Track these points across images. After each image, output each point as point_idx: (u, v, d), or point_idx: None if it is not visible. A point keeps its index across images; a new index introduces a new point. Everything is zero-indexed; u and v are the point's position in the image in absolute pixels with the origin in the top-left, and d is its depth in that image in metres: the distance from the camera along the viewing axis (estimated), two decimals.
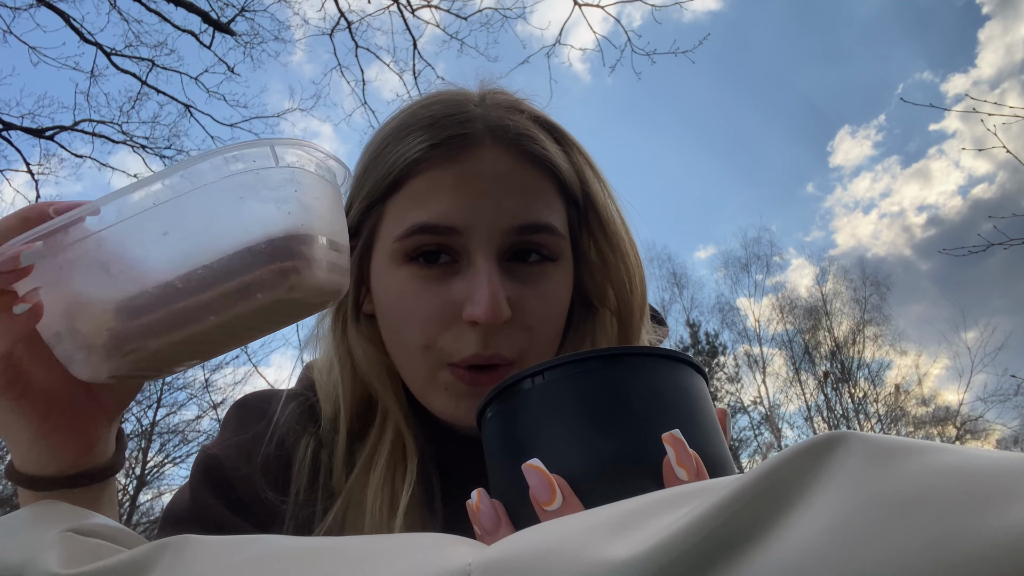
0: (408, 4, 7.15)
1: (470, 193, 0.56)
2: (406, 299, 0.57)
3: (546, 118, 0.63)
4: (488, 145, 0.57)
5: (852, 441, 0.21)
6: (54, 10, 6.71)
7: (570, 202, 0.61)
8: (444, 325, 0.56)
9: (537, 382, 0.38)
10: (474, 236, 0.55)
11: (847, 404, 16.07)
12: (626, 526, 0.22)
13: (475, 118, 0.58)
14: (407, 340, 0.58)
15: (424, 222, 0.55)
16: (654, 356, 0.38)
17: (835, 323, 16.55)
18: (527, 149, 0.58)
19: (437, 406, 0.59)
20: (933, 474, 0.19)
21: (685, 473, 0.34)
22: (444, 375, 0.57)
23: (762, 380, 16.27)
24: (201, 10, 7.05)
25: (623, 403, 0.36)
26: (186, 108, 7.97)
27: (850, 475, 0.20)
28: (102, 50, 7.25)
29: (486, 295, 0.53)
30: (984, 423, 14.16)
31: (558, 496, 0.34)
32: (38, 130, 7.55)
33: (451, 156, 0.57)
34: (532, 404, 0.38)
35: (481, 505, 0.38)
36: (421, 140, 0.57)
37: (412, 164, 0.57)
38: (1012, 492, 0.18)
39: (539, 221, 0.57)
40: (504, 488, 0.38)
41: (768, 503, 0.20)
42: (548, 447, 0.36)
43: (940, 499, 0.18)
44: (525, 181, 0.58)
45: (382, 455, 0.60)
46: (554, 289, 0.59)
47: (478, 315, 0.53)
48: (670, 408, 0.37)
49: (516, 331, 0.56)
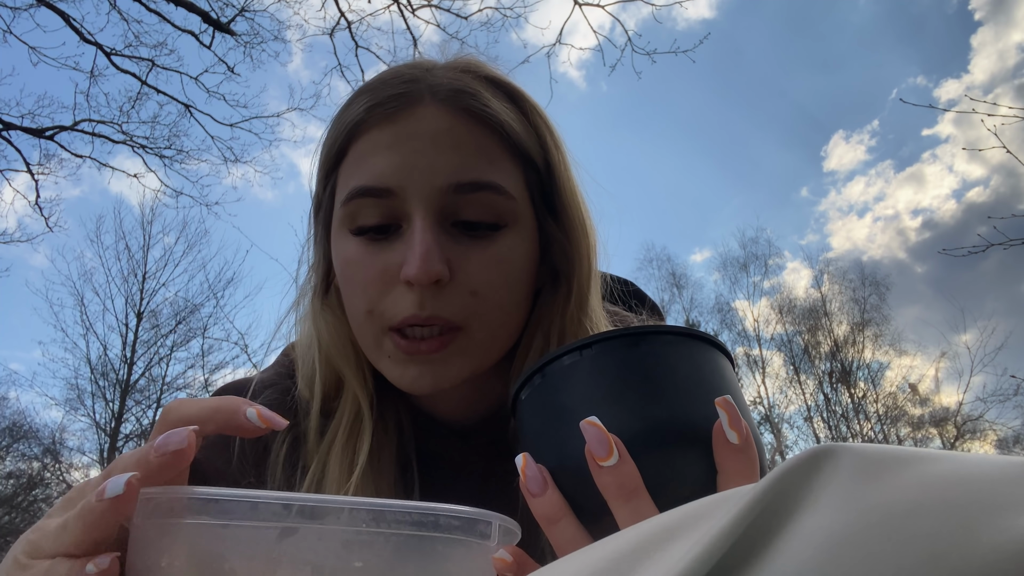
0: (408, 4, 7.15)
1: (405, 152, 0.54)
2: (351, 265, 0.56)
3: (501, 78, 0.61)
4: (426, 103, 0.56)
5: (841, 455, 0.20)
6: (54, 10, 6.71)
7: (529, 166, 0.59)
8: (384, 288, 0.55)
9: (586, 353, 0.39)
10: (410, 197, 0.54)
11: (847, 404, 16.07)
12: (620, 572, 0.22)
13: (419, 78, 0.57)
14: (354, 307, 0.57)
15: (362, 185, 0.54)
16: (696, 337, 0.40)
17: (834, 323, 16.56)
18: (467, 106, 0.56)
19: (387, 373, 0.58)
20: (925, 486, 0.19)
21: (736, 436, 0.36)
22: (387, 342, 0.56)
23: (761, 381, 16.28)
24: (201, 10, 7.05)
25: (671, 374, 0.38)
26: (186, 108, 7.99)
27: (840, 492, 0.19)
28: (102, 50, 7.25)
29: (417, 252, 0.52)
30: (983, 423, 14.16)
31: (615, 452, 0.35)
32: (38, 130, 7.56)
33: (388, 115, 0.55)
34: (581, 373, 0.39)
35: (528, 470, 0.38)
36: (364, 102, 0.56)
37: (355, 127, 0.56)
38: (1005, 502, 0.18)
39: (479, 179, 0.55)
40: (549, 454, 0.39)
41: (760, 530, 0.20)
42: (599, 412, 0.37)
43: (932, 513, 0.18)
44: (463, 138, 0.55)
45: (341, 425, 0.59)
46: (505, 253, 0.56)
47: (410, 274, 0.52)
48: (714, 383, 0.39)
49: (459, 294, 0.54)
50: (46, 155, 7.94)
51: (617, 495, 0.35)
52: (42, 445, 12.50)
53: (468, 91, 0.57)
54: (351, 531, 0.31)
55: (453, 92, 0.56)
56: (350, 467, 0.57)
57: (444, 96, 0.56)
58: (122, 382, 12.19)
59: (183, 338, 12.67)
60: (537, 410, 0.41)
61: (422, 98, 0.56)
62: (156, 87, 7.72)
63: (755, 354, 16.65)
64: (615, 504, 0.35)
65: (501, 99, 0.59)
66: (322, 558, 0.31)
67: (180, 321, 12.61)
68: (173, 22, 7.16)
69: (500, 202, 0.56)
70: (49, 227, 8.21)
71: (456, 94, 0.56)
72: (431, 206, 0.54)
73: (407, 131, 0.55)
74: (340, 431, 0.59)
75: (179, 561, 0.30)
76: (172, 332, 12.63)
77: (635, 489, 0.35)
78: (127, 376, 12.25)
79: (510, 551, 0.34)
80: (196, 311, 12.64)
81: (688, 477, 0.37)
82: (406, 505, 0.32)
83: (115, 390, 12.18)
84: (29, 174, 7.66)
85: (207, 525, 0.31)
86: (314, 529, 0.31)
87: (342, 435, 0.59)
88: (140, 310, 12.55)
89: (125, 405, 12.13)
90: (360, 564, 0.31)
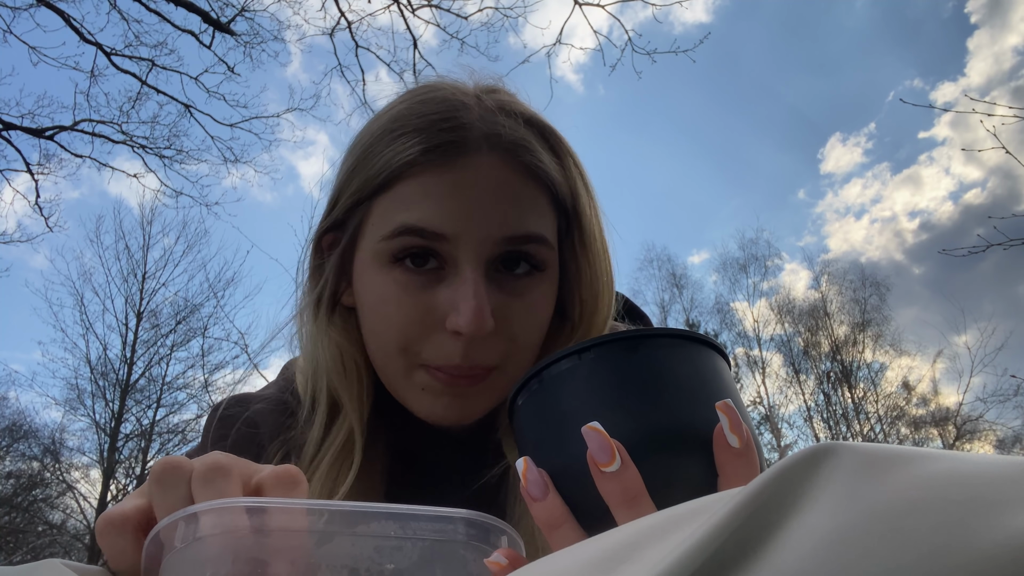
0: (408, 3, 7.15)
1: (462, 201, 0.55)
2: (388, 302, 0.56)
3: (542, 122, 0.62)
4: (484, 153, 0.57)
5: (841, 453, 0.20)
6: (54, 10, 6.71)
7: (560, 212, 0.61)
8: (425, 332, 0.55)
9: (584, 357, 0.39)
10: (462, 244, 0.54)
11: (847, 404, 16.07)
12: (619, 559, 0.22)
13: (471, 123, 0.58)
14: (385, 341, 0.57)
15: (413, 224, 0.55)
16: (695, 339, 0.40)
17: (835, 323, 16.55)
18: (523, 160, 0.58)
19: (413, 404, 0.59)
20: (924, 484, 0.19)
21: (737, 440, 0.36)
22: (421, 375, 0.57)
23: (761, 381, 16.27)
24: (201, 10, 7.05)
25: (671, 378, 0.38)
26: (186, 108, 7.98)
27: (840, 489, 0.20)
28: (102, 50, 7.25)
29: (471, 306, 0.53)
30: (984, 423, 14.15)
31: (617, 458, 0.35)
32: (38, 130, 7.56)
33: (445, 162, 0.56)
34: (580, 377, 0.39)
35: (528, 474, 0.38)
36: (415, 143, 0.56)
37: (405, 166, 0.56)
38: (1005, 500, 0.18)
39: (530, 232, 0.56)
40: (549, 458, 0.39)
41: (758, 525, 0.20)
42: (599, 416, 0.37)
43: (931, 511, 0.18)
44: (518, 191, 0.57)
45: (332, 447, 0.60)
46: (540, 300, 0.59)
47: (462, 326, 0.53)
48: (713, 386, 0.39)
49: (500, 341, 0.56)
50: (46, 155, 7.95)
51: (620, 501, 0.35)
52: (42, 445, 12.50)
53: (524, 144, 0.58)
54: (381, 537, 0.33)
55: (511, 144, 0.57)
56: (332, 489, 0.58)
57: (502, 148, 0.57)
58: (122, 382, 12.19)
59: (183, 338, 12.68)
60: (537, 415, 0.40)
61: (480, 147, 0.57)
62: (156, 87, 7.73)
63: (755, 354, 16.66)
64: (617, 510, 0.35)
65: (547, 150, 0.60)
66: (357, 562, 0.33)
67: (180, 321, 12.62)
68: (173, 22, 7.16)
69: (543, 252, 0.58)
70: (49, 227, 8.21)
71: (513, 147, 0.58)
72: (483, 256, 0.55)
73: (464, 179, 0.56)
74: (329, 453, 0.60)
75: (225, 568, 0.31)
76: (172, 332, 12.64)
77: (638, 495, 0.35)
78: (127, 376, 12.25)
79: (504, 554, 0.35)
80: (196, 311, 12.65)
81: (690, 481, 0.36)
82: (430, 511, 0.34)
83: (115, 390, 12.18)
84: (29, 174, 7.66)
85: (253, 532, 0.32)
86: (348, 535, 0.33)
87: (331, 457, 0.60)
88: (140, 310, 12.55)
89: (125, 405, 12.12)
90: (392, 566, 0.33)
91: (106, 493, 11.66)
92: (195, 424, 12.32)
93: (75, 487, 12.26)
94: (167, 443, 12.46)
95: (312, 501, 0.34)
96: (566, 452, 0.37)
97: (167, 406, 12.57)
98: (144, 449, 12.29)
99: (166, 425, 12.62)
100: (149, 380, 12.56)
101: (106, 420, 12.05)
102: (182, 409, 12.72)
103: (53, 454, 12.42)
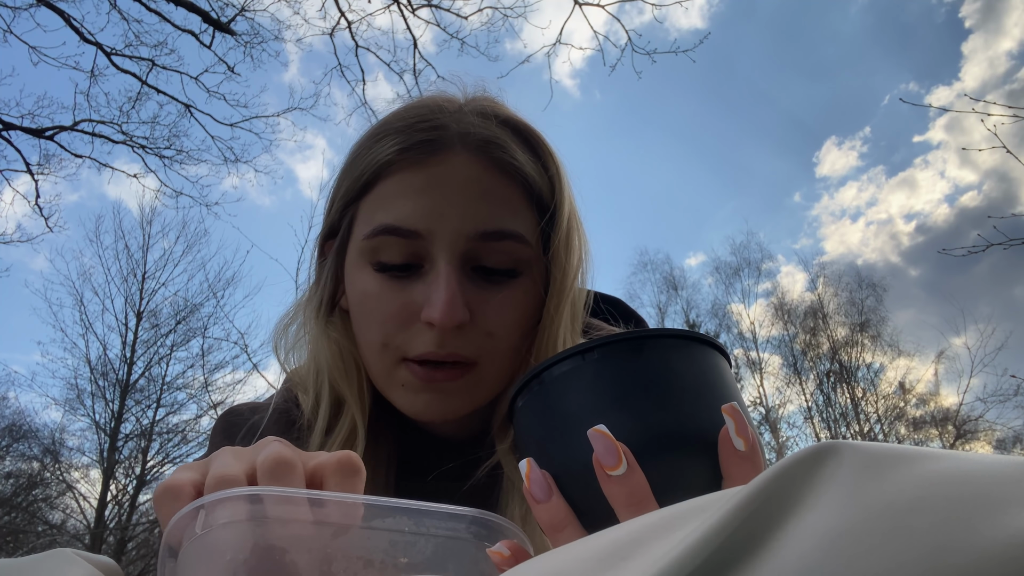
0: (408, 4, 7.15)
1: (434, 197, 0.56)
2: (370, 299, 0.58)
3: (522, 123, 0.62)
4: (457, 151, 0.58)
5: (843, 451, 0.21)
6: (54, 10, 6.71)
7: (541, 211, 0.61)
8: (403, 326, 0.57)
9: (588, 358, 0.38)
10: (436, 240, 0.56)
11: (847, 404, 16.07)
12: (621, 556, 0.22)
13: (447, 124, 0.59)
14: (369, 339, 0.59)
15: (389, 223, 0.56)
16: (698, 340, 0.40)
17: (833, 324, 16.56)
18: (495, 156, 0.58)
19: (397, 401, 0.60)
20: (926, 483, 0.19)
21: (743, 444, 0.36)
22: (402, 372, 0.58)
23: (760, 382, 16.27)
24: (201, 10, 7.05)
25: (676, 379, 0.37)
26: (186, 108, 7.98)
27: (843, 488, 0.20)
28: (102, 50, 7.25)
29: (443, 297, 0.54)
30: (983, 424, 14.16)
31: (624, 462, 0.34)
32: (38, 130, 7.55)
33: (419, 160, 0.57)
34: (584, 378, 0.38)
35: (532, 475, 0.38)
36: (393, 143, 0.58)
37: (383, 167, 0.58)
38: (1006, 499, 0.18)
39: (503, 228, 0.57)
40: (552, 460, 0.38)
41: (761, 522, 0.20)
42: (604, 419, 0.36)
43: (934, 509, 0.18)
44: (491, 188, 0.58)
45: (335, 442, 0.61)
46: (519, 297, 0.59)
47: (434, 317, 0.54)
48: (718, 387, 0.38)
49: (477, 335, 0.57)
50: (46, 155, 7.93)
51: (626, 504, 0.35)
52: (42, 445, 12.48)
53: (496, 142, 0.59)
54: (396, 531, 0.34)
55: (483, 142, 0.58)
56: None
57: (474, 145, 0.58)
58: (122, 382, 12.18)
59: (183, 338, 12.65)
60: (539, 415, 0.40)
61: (453, 146, 0.58)
62: (156, 87, 7.72)
63: (753, 355, 16.66)
64: (622, 512, 0.35)
65: (523, 148, 0.61)
66: (371, 554, 0.34)
67: (180, 321, 12.59)
68: (173, 22, 7.16)
69: (519, 250, 0.58)
70: (49, 227, 8.20)
71: (486, 144, 0.58)
72: (456, 251, 0.56)
73: (438, 177, 0.57)
74: (335, 445, 0.61)
75: (243, 554, 0.33)
76: (172, 332, 12.61)
77: (643, 498, 0.35)
78: (127, 376, 12.23)
79: (507, 545, 0.35)
80: (196, 311, 12.62)
81: (695, 484, 0.36)
82: (442, 508, 0.35)
83: (115, 390, 12.16)
84: (29, 174, 7.65)
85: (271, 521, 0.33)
86: (364, 528, 0.34)
87: (336, 448, 0.61)
88: (140, 310, 12.54)
89: (125, 405, 12.10)
90: (405, 560, 0.34)
91: (106, 493, 11.65)
92: (195, 424, 12.32)
93: (75, 487, 12.25)
94: (167, 443, 12.45)
95: (329, 493, 0.34)
96: (570, 454, 0.37)
97: (167, 406, 12.55)
98: (144, 449, 12.27)
99: (166, 425, 12.61)
100: (149, 380, 12.55)
101: (106, 420, 12.04)
102: (182, 409, 12.70)
103: (53, 454, 12.41)
